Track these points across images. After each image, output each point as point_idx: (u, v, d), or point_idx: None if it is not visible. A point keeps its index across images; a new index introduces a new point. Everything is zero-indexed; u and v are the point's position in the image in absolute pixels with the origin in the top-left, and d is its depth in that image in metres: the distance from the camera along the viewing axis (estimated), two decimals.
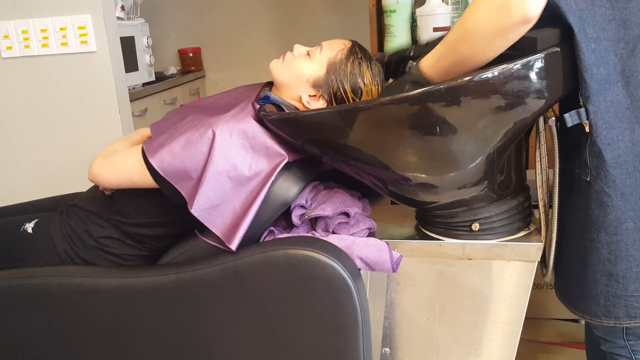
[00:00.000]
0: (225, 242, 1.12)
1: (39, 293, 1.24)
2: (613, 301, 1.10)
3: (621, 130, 1.02)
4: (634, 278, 1.07)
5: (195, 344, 1.20)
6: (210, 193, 1.12)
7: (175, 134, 1.17)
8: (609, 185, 1.04)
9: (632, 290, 1.08)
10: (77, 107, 2.12)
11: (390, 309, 1.31)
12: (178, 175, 1.15)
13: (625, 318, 1.10)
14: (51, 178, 2.20)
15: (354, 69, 1.20)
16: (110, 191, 1.32)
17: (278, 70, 1.25)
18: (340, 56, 1.21)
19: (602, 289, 1.10)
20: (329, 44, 1.24)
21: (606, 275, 1.09)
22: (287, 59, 1.25)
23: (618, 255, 1.07)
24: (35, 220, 1.36)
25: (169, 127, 1.23)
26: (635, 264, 1.07)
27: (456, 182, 1.11)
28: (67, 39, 2.04)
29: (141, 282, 1.19)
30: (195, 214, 1.13)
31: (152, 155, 1.16)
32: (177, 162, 1.14)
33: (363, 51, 1.23)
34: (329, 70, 1.21)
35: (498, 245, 1.18)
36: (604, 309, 1.11)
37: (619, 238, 1.06)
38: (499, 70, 0.96)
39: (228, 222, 1.14)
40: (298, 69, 1.22)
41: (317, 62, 1.22)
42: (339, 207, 1.18)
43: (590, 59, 0.99)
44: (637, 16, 0.98)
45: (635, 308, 1.09)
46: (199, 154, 1.12)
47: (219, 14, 3.37)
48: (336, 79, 1.20)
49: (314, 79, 1.21)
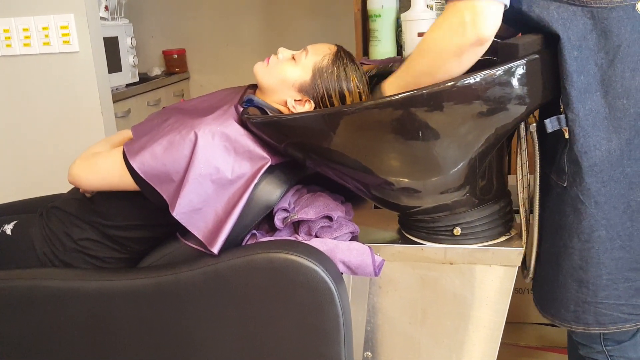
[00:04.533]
0: (207, 246, 1.12)
1: (18, 296, 1.22)
2: (583, 307, 1.11)
3: (598, 139, 1.03)
4: (604, 285, 1.09)
5: (176, 347, 1.19)
6: (192, 196, 1.11)
7: (157, 136, 1.16)
8: (584, 193, 1.05)
9: (602, 297, 1.09)
10: (59, 108, 2.10)
11: (372, 313, 1.31)
12: (159, 178, 1.14)
13: (595, 324, 1.12)
14: (32, 179, 2.17)
15: (340, 74, 1.20)
16: (91, 193, 1.30)
17: (263, 74, 1.24)
18: (326, 61, 1.21)
19: (572, 295, 1.11)
20: (314, 49, 1.24)
21: (577, 281, 1.10)
22: (272, 62, 1.24)
23: (589, 262, 1.08)
24: (14, 222, 1.34)
25: (150, 129, 1.22)
26: (605, 272, 1.08)
27: (438, 187, 1.12)
28: (49, 39, 2.02)
29: (121, 285, 1.18)
30: (177, 217, 1.12)
31: (133, 157, 1.15)
32: (159, 164, 1.13)
33: (348, 56, 1.24)
34: (314, 75, 1.20)
35: (479, 250, 1.19)
36: (573, 315, 1.13)
37: (591, 245, 1.07)
38: (481, 76, 0.97)
39: (210, 226, 1.13)
40: (283, 73, 1.22)
41: (302, 66, 1.21)
42: (322, 210, 1.18)
43: (572, 66, 1.01)
44: (617, 27, 0.99)
45: (604, 315, 1.10)
46: (181, 156, 1.12)
47: (204, 15, 3.36)
48: (322, 84, 1.20)
49: (299, 84, 1.21)
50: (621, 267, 1.08)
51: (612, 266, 1.07)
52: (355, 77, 1.21)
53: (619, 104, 1.01)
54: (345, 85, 1.20)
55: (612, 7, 0.98)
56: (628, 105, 1.01)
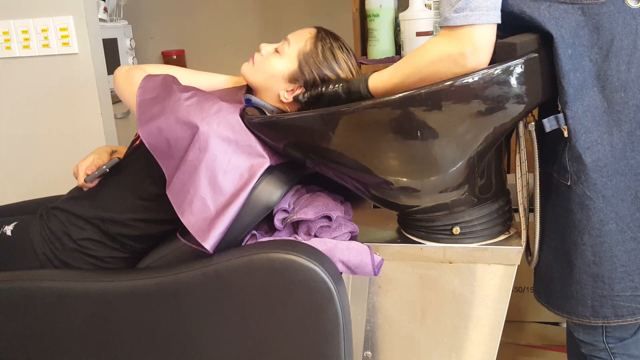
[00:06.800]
0: (198, 240, 1.10)
1: (18, 297, 1.22)
2: (600, 301, 1.11)
3: (599, 133, 1.03)
4: (619, 278, 1.09)
5: (175, 348, 1.19)
6: (184, 177, 1.12)
7: (168, 109, 1.16)
8: (590, 189, 1.05)
9: (618, 290, 1.10)
10: (58, 109, 2.10)
11: (371, 312, 1.31)
12: (162, 152, 1.15)
13: (613, 317, 1.12)
14: (31, 181, 2.17)
15: (327, 55, 1.21)
16: (93, 184, 1.31)
17: (251, 73, 1.25)
18: (309, 46, 1.21)
19: (588, 291, 1.12)
20: (295, 36, 1.24)
21: (592, 276, 1.10)
22: (257, 60, 1.25)
23: (603, 257, 1.08)
24: (14, 223, 1.35)
25: (166, 96, 1.20)
26: (619, 264, 1.08)
27: (437, 186, 1.12)
28: (48, 41, 2.02)
29: (121, 286, 1.18)
30: (169, 195, 1.13)
31: (142, 126, 1.16)
32: (162, 139, 1.14)
33: (330, 35, 1.24)
34: (300, 62, 1.21)
35: (479, 249, 1.19)
36: (591, 310, 1.13)
37: (603, 240, 1.07)
38: (479, 75, 0.97)
39: (200, 218, 1.11)
40: (271, 68, 1.23)
41: (287, 57, 1.22)
42: (321, 210, 1.18)
43: (567, 65, 1.01)
44: (609, 21, 1.00)
45: (621, 307, 1.11)
46: (185, 136, 1.12)
47: (203, 16, 3.36)
48: (311, 69, 1.21)
49: (288, 74, 1.21)
50: (634, 258, 1.08)
51: (625, 258, 1.08)
52: (341, 54, 1.22)
53: (617, 97, 1.02)
54: (335, 64, 1.21)
55: (602, 2, 0.99)
56: (627, 98, 1.01)
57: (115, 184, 1.30)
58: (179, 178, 1.12)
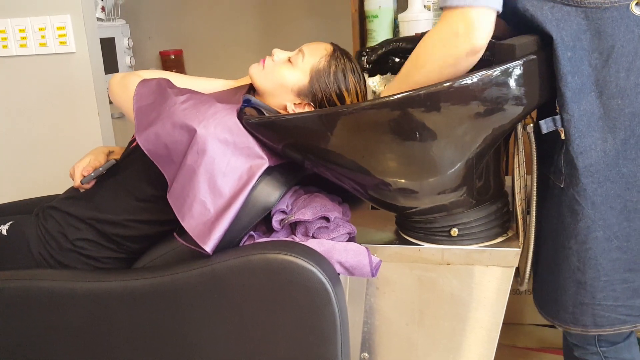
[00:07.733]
0: (198, 242, 1.10)
1: (13, 296, 1.22)
2: (581, 309, 1.11)
3: (593, 139, 1.03)
4: (601, 287, 1.08)
5: (172, 348, 1.18)
6: (184, 181, 1.11)
7: (164, 114, 1.16)
8: (580, 194, 1.05)
9: (600, 299, 1.09)
10: (55, 109, 2.10)
11: (369, 313, 1.31)
12: (162, 157, 1.15)
13: (592, 326, 1.12)
14: (28, 180, 2.16)
15: (338, 76, 1.20)
16: (89, 186, 1.31)
17: (260, 77, 1.24)
18: (323, 63, 1.21)
19: (571, 297, 1.11)
20: (310, 50, 1.23)
21: (575, 282, 1.10)
22: (268, 65, 1.24)
23: (587, 264, 1.08)
24: (10, 222, 1.34)
25: (162, 101, 1.19)
26: (603, 273, 1.08)
27: (435, 188, 1.12)
28: (46, 40, 2.02)
29: (117, 286, 1.18)
30: (169, 199, 1.12)
31: (140, 133, 1.15)
32: (161, 145, 1.14)
33: (345, 55, 1.23)
34: (312, 78, 1.20)
35: (477, 250, 1.18)
36: (572, 316, 1.13)
37: (588, 246, 1.07)
38: (478, 77, 0.97)
39: (200, 221, 1.11)
40: (281, 77, 1.22)
41: (300, 70, 1.21)
42: (319, 211, 1.17)
43: (566, 67, 1.01)
44: (611, 27, 0.99)
45: (601, 317, 1.10)
46: (182, 140, 1.12)
47: (202, 16, 3.35)
48: (320, 87, 1.20)
49: (298, 88, 1.21)
50: (618, 268, 1.07)
51: (609, 267, 1.07)
52: (352, 77, 1.21)
53: (613, 104, 1.01)
54: (344, 86, 1.20)
55: (605, 7, 0.98)
56: (623, 106, 1.01)
57: (112, 184, 1.30)
58: (178, 182, 1.11)
